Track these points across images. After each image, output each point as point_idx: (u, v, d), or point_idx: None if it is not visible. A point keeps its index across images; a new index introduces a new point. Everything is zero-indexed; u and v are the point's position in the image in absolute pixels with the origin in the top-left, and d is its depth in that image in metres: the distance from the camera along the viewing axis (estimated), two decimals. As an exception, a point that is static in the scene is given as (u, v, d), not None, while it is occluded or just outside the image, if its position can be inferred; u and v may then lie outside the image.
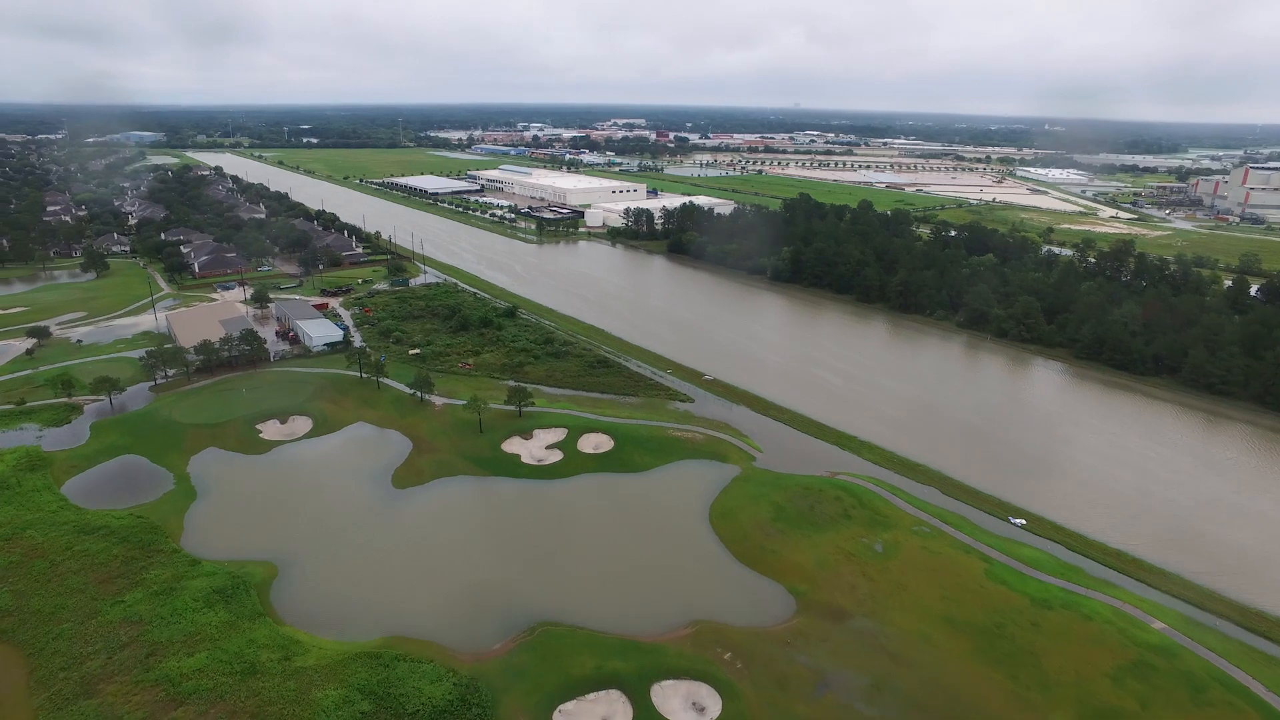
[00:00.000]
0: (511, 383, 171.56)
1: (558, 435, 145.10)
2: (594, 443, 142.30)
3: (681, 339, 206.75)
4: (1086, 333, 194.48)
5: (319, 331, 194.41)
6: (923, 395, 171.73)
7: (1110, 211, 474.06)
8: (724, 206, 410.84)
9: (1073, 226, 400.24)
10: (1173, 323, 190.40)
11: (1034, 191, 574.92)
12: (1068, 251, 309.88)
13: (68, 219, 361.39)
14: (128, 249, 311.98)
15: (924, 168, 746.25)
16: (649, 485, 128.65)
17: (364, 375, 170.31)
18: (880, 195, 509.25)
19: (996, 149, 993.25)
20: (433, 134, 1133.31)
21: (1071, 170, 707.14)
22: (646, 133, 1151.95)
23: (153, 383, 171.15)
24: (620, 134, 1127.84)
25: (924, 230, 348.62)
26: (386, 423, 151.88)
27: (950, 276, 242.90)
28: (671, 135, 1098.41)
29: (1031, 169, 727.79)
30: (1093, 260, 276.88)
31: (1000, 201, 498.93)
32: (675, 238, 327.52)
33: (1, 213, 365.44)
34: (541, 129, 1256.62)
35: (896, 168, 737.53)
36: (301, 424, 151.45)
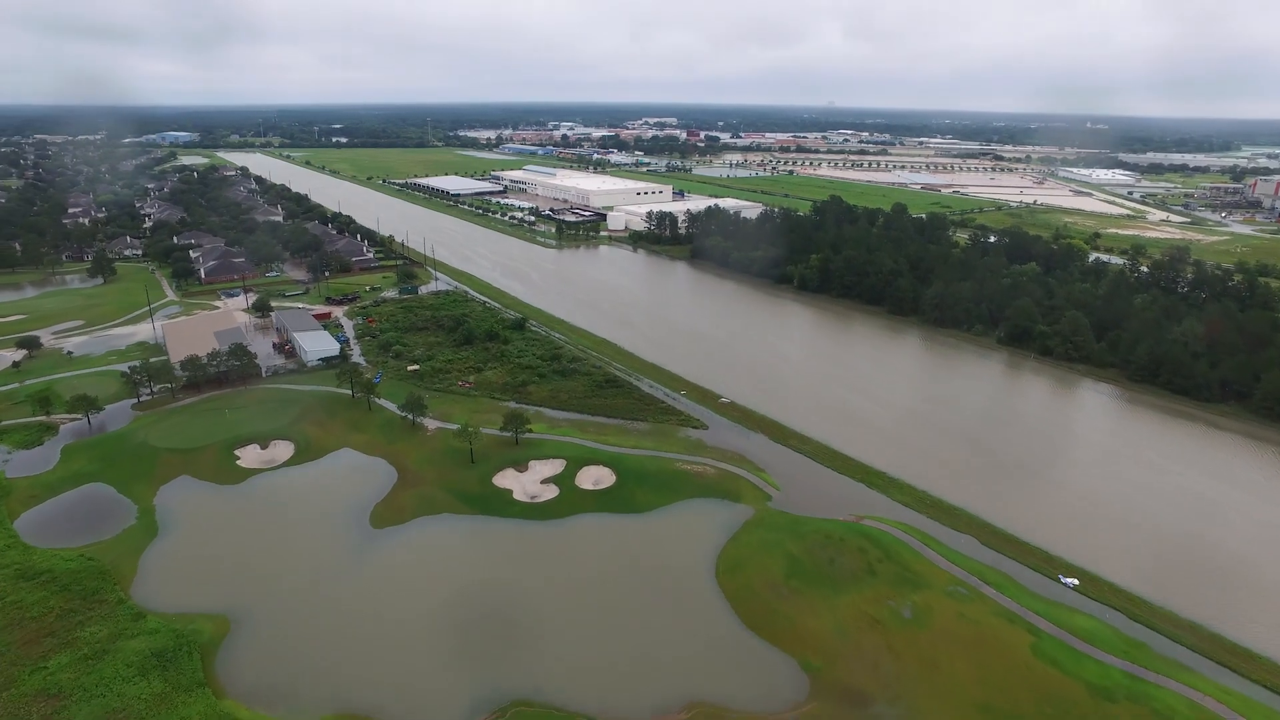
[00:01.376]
0: (513, 404, 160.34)
1: (555, 468, 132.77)
2: (594, 477, 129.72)
3: (699, 355, 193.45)
4: (1142, 353, 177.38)
5: (315, 345, 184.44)
6: (959, 423, 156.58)
7: (1160, 214, 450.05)
8: (751, 209, 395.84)
9: (1120, 231, 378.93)
10: (1241, 342, 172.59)
11: (1077, 193, 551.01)
12: (1117, 259, 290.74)
13: (85, 221, 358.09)
14: (140, 252, 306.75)
15: (961, 168, 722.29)
16: (651, 529, 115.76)
17: (356, 395, 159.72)
18: (915, 197, 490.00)
19: (1037, 148, 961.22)
20: (462, 133, 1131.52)
21: (1117, 170, 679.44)
22: (677, 132, 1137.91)
23: (136, 400, 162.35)
24: (650, 133, 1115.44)
25: (961, 236, 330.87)
26: (373, 449, 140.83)
27: (989, 288, 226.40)
28: (702, 134, 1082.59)
29: (1074, 169, 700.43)
30: (1145, 270, 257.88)
31: (1042, 204, 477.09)
32: (698, 243, 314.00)
33: (24, 214, 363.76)
34: (572, 128, 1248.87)
35: (932, 168, 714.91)
36: (283, 450, 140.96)
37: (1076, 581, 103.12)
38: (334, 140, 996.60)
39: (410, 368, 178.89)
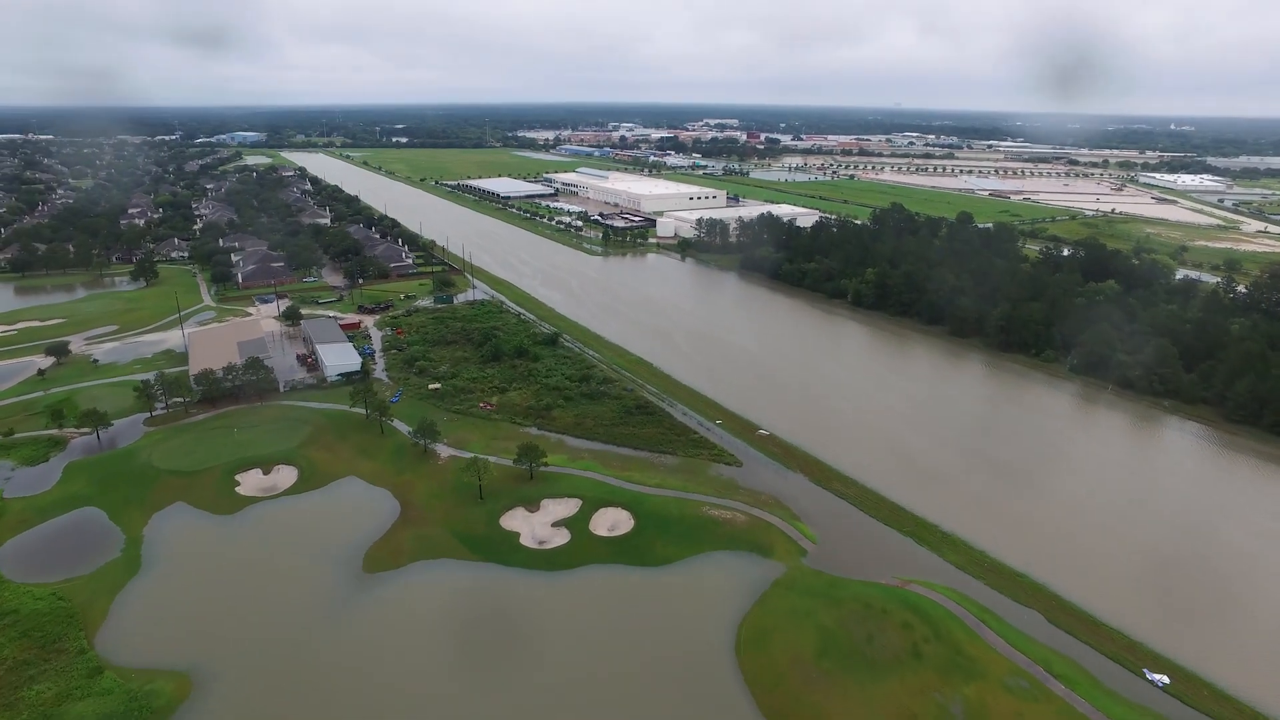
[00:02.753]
0: (534, 430, 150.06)
1: (569, 508, 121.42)
2: (610, 521, 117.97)
3: (739, 378, 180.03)
4: (1242, 389, 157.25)
5: (335, 359, 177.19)
6: (1025, 467, 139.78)
7: (1257, 224, 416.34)
8: (807, 217, 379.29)
9: (1210, 244, 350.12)
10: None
11: (1160, 200, 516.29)
12: (1208, 276, 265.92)
13: (140, 223, 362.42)
14: (187, 255, 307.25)
15: (1032, 173, 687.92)
16: (666, 588, 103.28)
17: (369, 416, 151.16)
18: (982, 204, 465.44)
19: (1115, 152, 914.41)
20: (521, 134, 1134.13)
21: (1205, 176, 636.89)
22: (737, 133, 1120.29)
23: (149, 414, 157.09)
24: (710, 135, 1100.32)
25: (1031, 248, 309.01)
26: (379, 478, 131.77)
27: (1061, 308, 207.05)
28: (762, 136, 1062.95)
29: (1156, 174, 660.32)
30: (1243, 289, 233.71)
31: (1121, 213, 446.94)
32: (749, 253, 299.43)
33: (87, 214, 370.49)
34: (631, 129, 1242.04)
35: (1001, 173, 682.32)
36: (286, 476, 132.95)
37: (1168, 679, 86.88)
38: (394, 140, 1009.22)
39: (431, 386, 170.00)
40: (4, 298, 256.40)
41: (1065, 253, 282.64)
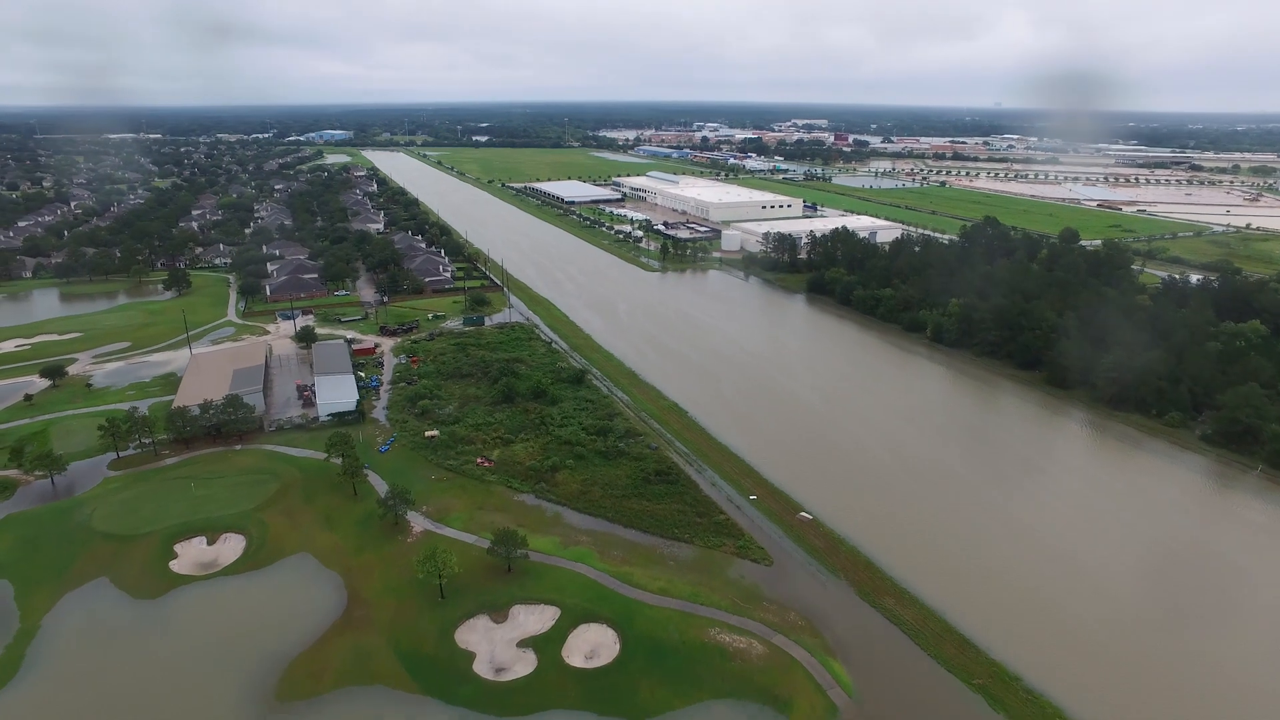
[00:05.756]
0: (532, 497, 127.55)
1: (543, 621, 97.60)
2: (590, 645, 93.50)
3: (786, 436, 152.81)
4: None
5: (329, 396, 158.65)
6: (1147, 588, 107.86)
7: None
8: (889, 230, 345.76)
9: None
10: None
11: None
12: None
13: (195, 226, 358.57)
14: (230, 261, 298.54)
15: (1148, 180, 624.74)
16: (643, 761, 78.22)
17: (345, 470, 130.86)
18: (1089, 217, 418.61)
19: (1247, 155, 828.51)
20: (602, 134, 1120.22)
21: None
22: (825, 135, 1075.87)
23: (116, 455, 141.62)
24: (796, 136, 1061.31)
25: (1150, 273, 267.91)
26: (335, 557, 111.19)
27: (1190, 356, 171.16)
28: (850, 138, 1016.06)
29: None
30: None
31: (1258, 229, 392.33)
32: (818, 273, 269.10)
33: (149, 217, 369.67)
34: (715, 129, 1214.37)
35: (1112, 180, 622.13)
36: (231, 548, 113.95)
37: None
38: (473, 140, 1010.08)
39: (428, 433, 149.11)
40: (46, 304, 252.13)
41: (1193, 280, 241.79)
